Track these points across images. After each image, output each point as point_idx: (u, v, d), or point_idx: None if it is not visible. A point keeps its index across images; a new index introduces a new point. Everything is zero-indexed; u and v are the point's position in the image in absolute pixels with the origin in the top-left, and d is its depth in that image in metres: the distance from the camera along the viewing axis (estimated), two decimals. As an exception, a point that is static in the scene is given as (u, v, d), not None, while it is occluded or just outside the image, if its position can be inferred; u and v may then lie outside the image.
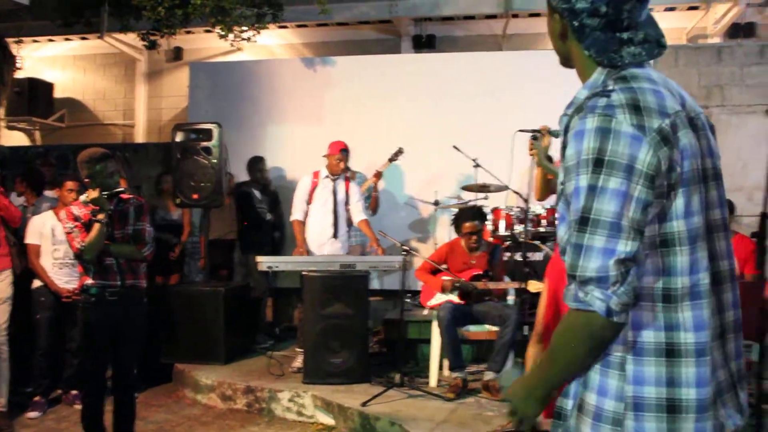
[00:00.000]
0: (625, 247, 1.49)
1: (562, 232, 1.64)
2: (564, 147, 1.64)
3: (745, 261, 5.94)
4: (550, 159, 4.51)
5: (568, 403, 1.69)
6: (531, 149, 4.49)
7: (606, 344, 1.57)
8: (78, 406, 5.65)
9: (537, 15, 9.87)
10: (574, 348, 1.59)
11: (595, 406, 1.60)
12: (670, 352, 1.56)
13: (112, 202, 4.36)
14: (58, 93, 11.32)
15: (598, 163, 1.50)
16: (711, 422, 1.57)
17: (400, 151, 7.34)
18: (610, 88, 1.59)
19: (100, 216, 4.22)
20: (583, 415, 1.62)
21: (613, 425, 1.57)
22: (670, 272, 1.57)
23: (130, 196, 4.56)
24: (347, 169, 6.90)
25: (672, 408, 1.55)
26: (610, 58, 1.65)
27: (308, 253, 6.47)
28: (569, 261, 1.56)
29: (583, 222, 1.52)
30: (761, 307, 4.04)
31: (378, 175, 7.35)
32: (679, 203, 1.56)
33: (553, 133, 4.36)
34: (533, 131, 4.53)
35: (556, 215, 1.79)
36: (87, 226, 4.27)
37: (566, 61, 1.79)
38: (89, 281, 4.33)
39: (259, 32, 8.51)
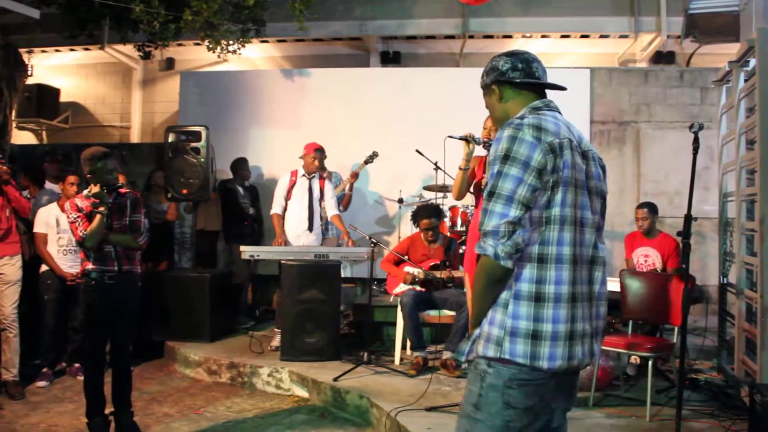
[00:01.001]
0: (514, 213, 1.93)
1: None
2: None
3: (668, 257, 5.98)
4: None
5: (476, 332, 2.08)
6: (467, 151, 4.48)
7: (497, 281, 1.98)
8: (80, 378, 5.62)
9: (490, 37, 9.90)
10: (479, 284, 2.01)
11: (487, 333, 2.00)
12: (538, 298, 1.96)
13: (112, 195, 4.34)
14: (63, 97, 11.12)
15: (506, 158, 1.96)
16: (561, 350, 1.96)
17: (374, 155, 7.27)
18: (526, 115, 2.08)
19: (101, 208, 4.21)
20: (480, 339, 2.03)
21: (496, 345, 1.98)
22: (545, 242, 1.97)
23: (128, 190, 4.51)
24: (323, 168, 6.83)
25: (534, 335, 1.95)
26: (534, 96, 2.19)
27: (286, 243, 6.38)
28: (480, 220, 1.98)
29: (490, 195, 1.96)
30: (682, 296, 4.06)
31: (354, 176, 7.29)
32: (558, 196, 1.97)
33: (476, 141, 4.32)
34: (461, 138, 4.48)
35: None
36: (89, 217, 4.25)
37: (503, 121, 2.14)
38: (90, 266, 4.28)
39: (243, 45, 8.43)
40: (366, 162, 7.34)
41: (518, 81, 2.18)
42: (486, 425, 2.00)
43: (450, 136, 4.62)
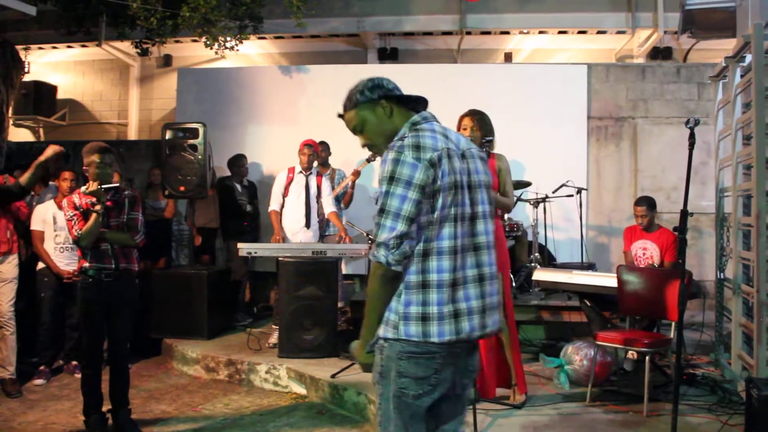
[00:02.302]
0: (400, 227, 2.16)
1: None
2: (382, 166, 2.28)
3: (665, 250, 5.98)
4: None
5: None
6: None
7: (390, 280, 2.22)
8: (78, 375, 5.66)
9: (488, 33, 9.91)
10: (374, 288, 2.25)
11: (387, 318, 2.25)
12: (424, 285, 2.22)
13: (110, 193, 4.33)
14: (60, 94, 11.14)
15: (391, 179, 2.19)
16: (448, 326, 2.21)
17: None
18: (406, 135, 2.28)
19: (97, 207, 4.19)
20: (382, 324, 2.27)
21: (393, 328, 2.23)
22: (428, 239, 2.23)
23: (126, 189, 4.51)
24: (327, 164, 6.83)
25: (424, 317, 2.21)
26: (409, 111, 2.43)
27: (284, 240, 6.37)
28: (375, 232, 2.22)
29: (381, 211, 2.19)
30: (679, 291, 4.06)
31: (356, 174, 7.27)
32: (439, 201, 2.22)
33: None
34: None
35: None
36: (85, 215, 4.25)
37: (391, 138, 2.36)
38: (86, 264, 4.28)
39: (241, 42, 8.44)
40: (368, 160, 7.31)
41: (404, 95, 2.44)
42: (387, 390, 2.27)
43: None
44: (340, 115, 2.54)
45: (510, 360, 4.47)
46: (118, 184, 4.44)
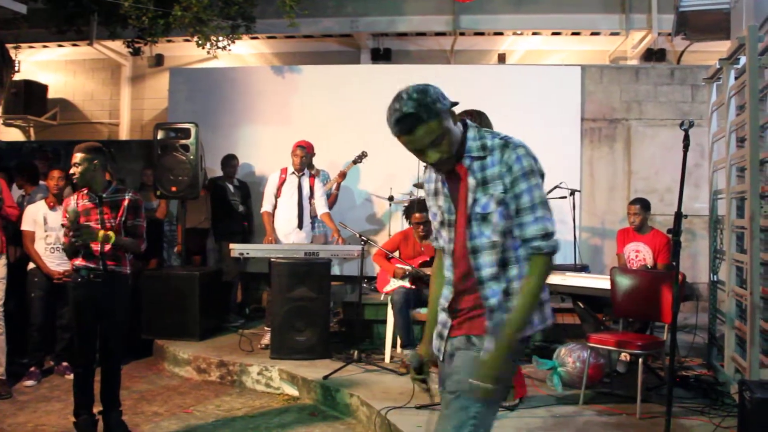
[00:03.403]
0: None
1: (502, 222, 2.20)
2: (480, 172, 2.21)
3: (658, 252, 6.01)
4: None
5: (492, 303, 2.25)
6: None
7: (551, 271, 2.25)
8: (68, 377, 5.65)
9: (481, 34, 9.92)
10: (543, 278, 2.20)
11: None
12: None
13: (106, 191, 4.31)
14: (51, 94, 11.07)
15: (533, 172, 2.19)
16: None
17: (363, 155, 7.27)
18: (502, 135, 2.25)
19: (70, 232, 4.15)
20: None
21: (539, 320, 2.27)
22: None
23: (128, 192, 4.43)
24: (311, 165, 6.83)
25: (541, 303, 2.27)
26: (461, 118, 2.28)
27: (276, 241, 6.36)
28: (539, 226, 2.19)
29: (544, 203, 2.20)
30: (672, 293, 4.07)
31: (342, 175, 7.27)
32: None
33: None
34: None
35: (495, 213, 2.22)
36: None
37: (454, 147, 2.20)
38: (78, 262, 4.25)
39: (233, 42, 8.43)
40: (355, 162, 7.33)
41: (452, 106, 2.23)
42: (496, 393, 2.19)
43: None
44: (401, 134, 2.15)
45: None
46: (113, 185, 4.40)
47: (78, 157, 4.22)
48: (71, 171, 4.25)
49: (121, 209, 4.32)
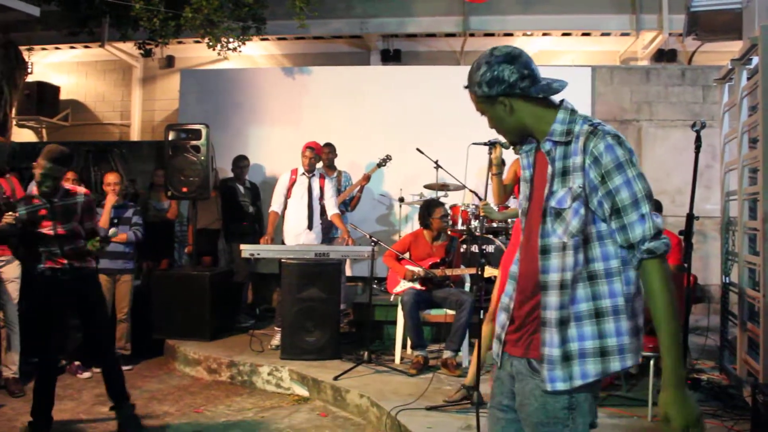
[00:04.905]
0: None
1: (577, 223, 1.92)
2: (560, 161, 1.97)
3: (669, 254, 5.95)
4: (503, 163, 4.49)
5: (548, 316, 1.94)
6: (495, 155, 4.40)
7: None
8: (80, 375, 5.75)
9: (491, 35, 9.89)
10: (673, 290, 1.87)
11: (618, 346, 1.91)
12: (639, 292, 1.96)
13: (58, 193, 4.32)
14: (63, 95, 11.14)
15: (631, 162, 1.89)
16: None
17: (387, 158, 7.29)
18: (596, 121, 1.97)
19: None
20: (609, 356, 1.90)
21: (631, 353, 1.93)
22: None
23: (76, 191, 4.45)
24: (332, 167, 6.88)
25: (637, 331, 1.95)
26: (552, 98, 2.05)
27: (272, 241, 6.32)
28: (646, 226, 1.86)
29: (648, 197, 1.89)
30: (684, 294, 4.05)
31: (366, 179, 7.30)
32: None
33: (503, 145, 4.29)
34: (485, 143, 4.43)
35: (569, 210, 1.94)
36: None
37: (519, 133, 2.08)
38: (41, 266, 4.30)
39: (243, 43, 8.45)
40: (379, 165, 7.33)
41: (533, 94, 2.01)
42: (583, 421, 1.95)
43: (474, 143, 4.63)
44: (465, 87, 2.11)
45: None
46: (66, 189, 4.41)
47: (48, 166, 4.20)
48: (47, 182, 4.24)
49: (76, 215, 4.36)
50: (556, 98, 2.07)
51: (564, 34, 9.88)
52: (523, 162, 2.14)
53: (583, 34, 9.86)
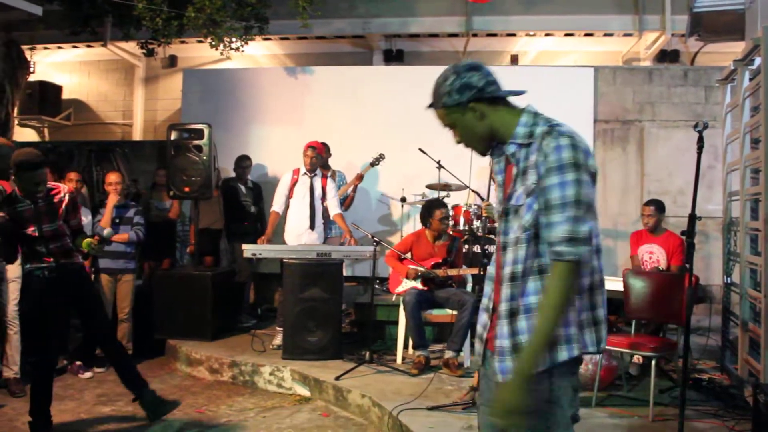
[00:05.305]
0: (592, 219, 1.96)
1: (529, 217, 1.99)
2: (523, 162, 2.03)
3: (672, 254, 5.98)
4: None
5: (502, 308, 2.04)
6: None
7: (578, 283, 1.96)
8: (81, 375, 5.75)
9: (494, 35, 9.89)
10: (566, 293, 1.92)
11: (565, 336, 1.97)
12: (592, 288, 2.03)
13: (40, 196, 4.31)
14: (66, 94, 11.13)
15: (577, 166, 1.92)
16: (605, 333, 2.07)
17: (381, 157, 7.32)
18: (554, 122, 2.03)
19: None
20: (558, 345, 1.97)
21: (577, 343, 1.99)
22: (596, 234, 2.00)
23: (59, 189, 4.45)
24: (327, 167, 6.86)
25: (595, 322, 2.04)
26: (509, 104, 2.12)
27: (269, 241, 6.34)
28: (565, 228, 1.91)
29: (577, 202, 1.91)
30: (686, 295, 4.06)
31: (360, 178, 7.32)
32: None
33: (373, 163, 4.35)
34: None
35: (524, 206, 2.02)
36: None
37: (488, 140, 2.14)
38: (28, 266, 4.33)
39: (246, 43, 8.45)
40: (372, 164, 7.37)
41: (498, 95, 2.10)
42: (563, 413, 2.01)
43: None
44: (429, 106, 2.20)
45: None
46: (50, 187, 4.40)
47: (44, 175, 4.24)
48: (30, 188, 4.25)
49: (59, 214, 4.36)
50: (521, 105, 2.14)
51: (567, 35, 9.87)
52: (495, 168, 2.21)
53: (586, 35, 9.85)
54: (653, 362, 4.44)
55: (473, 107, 2.08)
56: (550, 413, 1.98)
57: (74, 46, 10.82)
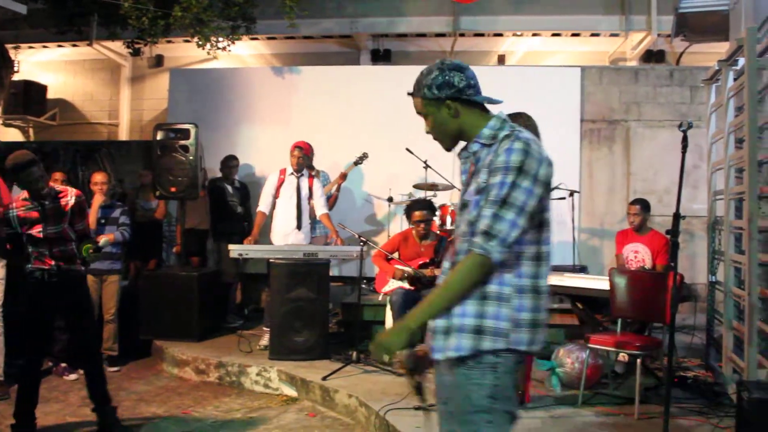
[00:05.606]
0: (522, 224, 2.03)
1: (475, 213, 2.09)
2: (478, 160, 2.18)
3: (657, 253, 6.02)
4: None
5: (457, 326, 2.10)
6: None
7: (484, 280, 2.06)
8: (66, 377, 5.72)
9: (481, 35, 9.92)
10: (467, 280, 2.05)
11: (494, 327, 2.06)
12: (537, 291, 2.11)
13: (47, 199, 4.33)
14: (51, 94, 11.05)
15: (520, 170, 2.03)
16: (542, 336, 2.14)
17: (364, 156, 7.33)
18: (517, 129, 2.14)
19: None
20: (484, 335, 2.06)
21: (504, 337, 2.06)
22: (541, 242, 2.13)
23: (65, 192, 4.47)
24: (311, 167, 6.86)
25: (535, 324, 2.10)
26: (483, 108, 2.24)
27: (256, 241, 6.33)
28: (486, 222, 2.03)
29: (503, 202, 2.02)
30: (671, 294, 4.08)
31: (343, 177, 7.31)
32: (545, 203, 2.12)
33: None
34: None
35: (472, 201, 2.14)
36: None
37: (456, 138, 2.27)
38: (30, 266, 4.31)
39: (233, 43, 8.44)
40: (356, 163, 7.38)
41: (474, 100, 2.21)
42: (504, 411, 2.11)
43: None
44: (410, 93, 2.31)
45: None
46: (57, 189, 4.45)
47: (40, 170, 4.27)
48: (31, 187, 4.28)
49: (65, 216, 4.37)
50: (494, 112, 2.26)
51: (554, 35, 9.91)
52: (461, 167, 2.31)
53: (573, 35, 9.90)
54: (638, 360, 4.47)
55: (449, 105, 2.20)
56: (493, 409, 2.09)
57: (60, 46, 10.75)
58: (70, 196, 4.42)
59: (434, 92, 2.20)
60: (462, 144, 2.29)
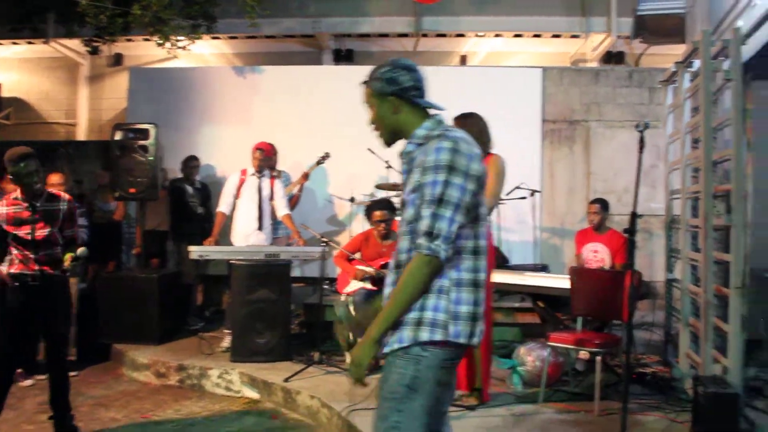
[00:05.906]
0: (460, 219, 2.14)
1: (411, 211, 2.21)
2: (412, 160, 2.29)
3: (616, 252, 6.10)
4: None
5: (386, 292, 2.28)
6: None
7: (434, 278, 2.15)
8: (21, 383, 5.52)
9: (443, 35, 9.97)
10: (419, 282, 2.13)
11: (433, 319, 2.15)
12: (476, 284, 2.22)
13: (39, 200, 4.25)
14: (5, 93, 10.80)
15: (450, 168, 2.13)
16: (480, 328, 2.26)
17: (326, 156, 7.33)
18: (446, 129, 2.26)
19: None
20: (421, 326, 2.16)
21: (443, 329, 2.15)
22: (478, 236, 2.23)
23: (62, 195, 4.41)
24: (272, 167, 6.82)
25: (474, 317, 2.21)
26: (423, 109, 2.35)
27: (216, 243, 6.27)
28: (427, 223, 2.12)
29: (439, 201, 2.11)
30: (628, 292, 4.14)
31: (305, 177, 7.29)
32: (480, 198, 2.23)
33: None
34: None
35: (408, 201, 2.25)
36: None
37: (394, 133, 2.38)
38: (14, 269, 4.22)
39: (193, 42, 8.35)
40: (318, 163, 7.36)
41: (417, 101, 2.32)
42: (421, 403, 2.19)
43: None
44: (363, 83, 2.43)
45: (479, 363, 4.50)
46: (51, 192, 4.38)
47: (36, 164, 4.16)
48: (26, 180, 4.16)
49: (58, 220, 4.30)
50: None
51: (515, 36, 10.00)
52: (402, 168, 2.39)
53: (534, 36, 9.99)
54: (598, 358, 4.52)
55: (392, 101, 2.32)
56: (407, 398, 2.19)
57: (14, 43, 10.51)
58: (63, 201, 4.35)
59: (380, 86, 2.32)
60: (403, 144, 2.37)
